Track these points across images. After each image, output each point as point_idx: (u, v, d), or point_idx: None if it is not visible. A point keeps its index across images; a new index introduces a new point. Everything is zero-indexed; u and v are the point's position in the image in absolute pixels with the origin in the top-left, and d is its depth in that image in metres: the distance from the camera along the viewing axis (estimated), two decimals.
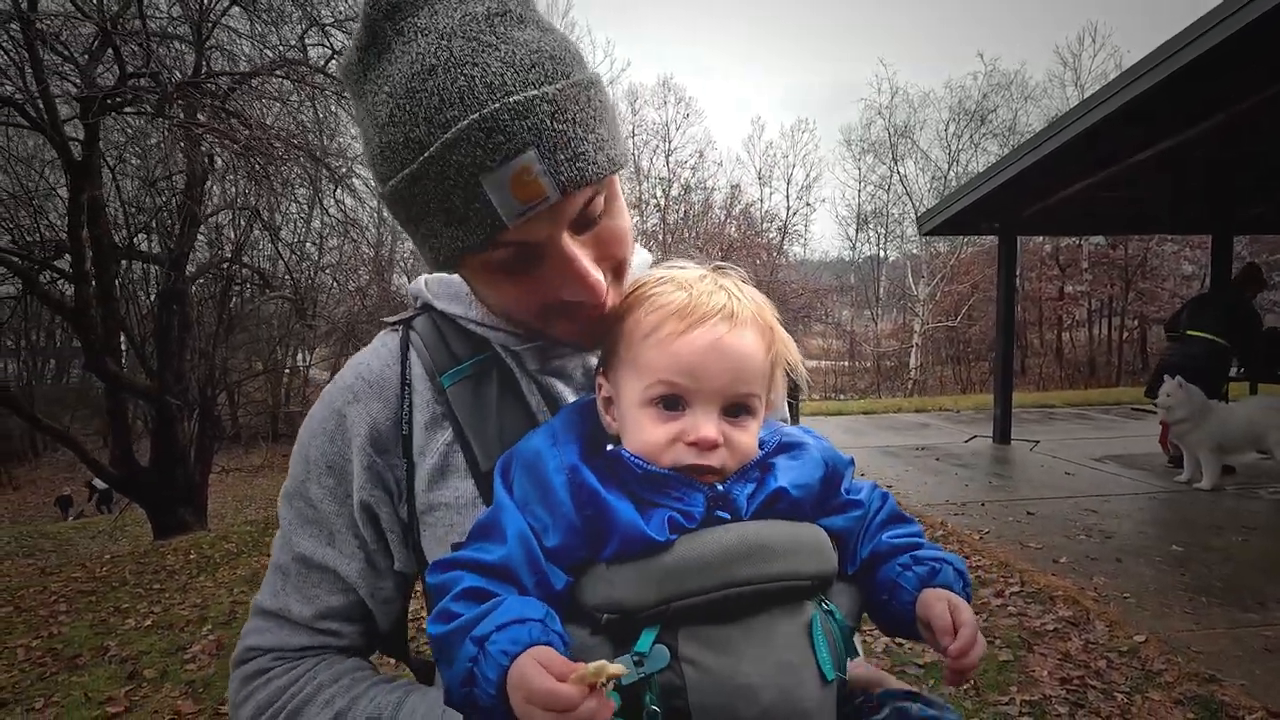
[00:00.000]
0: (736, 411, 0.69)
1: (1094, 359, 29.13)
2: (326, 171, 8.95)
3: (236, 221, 11.97)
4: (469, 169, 0.62)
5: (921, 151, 31.79)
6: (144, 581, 6.18)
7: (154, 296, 12.91)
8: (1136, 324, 28.63)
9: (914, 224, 25.33)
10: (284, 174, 8.78)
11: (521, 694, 0.53)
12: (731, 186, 31.37)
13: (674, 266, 0.77)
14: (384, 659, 0.97)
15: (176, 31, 8.70)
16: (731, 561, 0.62)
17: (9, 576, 7.60)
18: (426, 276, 0.89)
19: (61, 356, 25.17)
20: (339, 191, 9.70)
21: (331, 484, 0.79)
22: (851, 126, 51.55)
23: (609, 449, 0.69)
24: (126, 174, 10.53)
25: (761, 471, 0.70)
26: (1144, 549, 4.62)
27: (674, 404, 0.68)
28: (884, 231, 33.25)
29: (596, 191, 0.69)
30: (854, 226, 33.99)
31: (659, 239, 26.94)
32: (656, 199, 29.41)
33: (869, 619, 0.77)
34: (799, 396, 0.92)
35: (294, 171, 8.98)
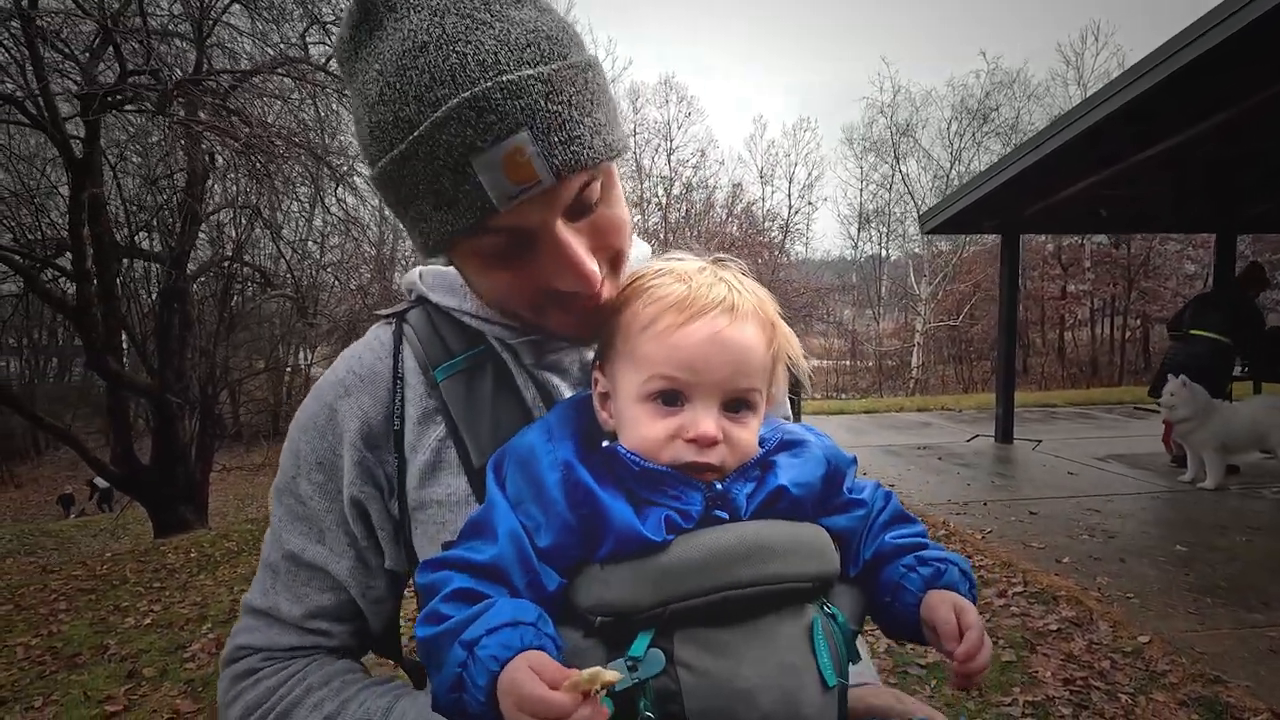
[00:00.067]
0: (737, 407, 0.67)
1: (1096, 358, 29.07)
2: (328, 170, 8.93)
3: (238, 220, 11.94)
4: (459, 149, 0.60)
5: (924, 150, 31.88)
6: (144, 580, 6.18)
7: (155, 295, 12.91)
8: (1139, 323, 28.57)
9: (916, 223, 25.34)
10: (285, 172, 8.76)
11: (512, 701, 0.51)
12: (733, 185, 31.39)
13: (673, 258, 0.74)
14: (383, 661, 0.95)
15: (178, 29, 8.70)
16: (730, 562, 0.60)
17: (10, 574, 7.60)
18: (421, 268, 0.87)
19: (63, 355, 25.22)
20: (340, 190, 9.68)
21: (321, 480, 0.78)
22: (853, 125, 51.55)
23: (605, 445, 0.67)
24: (128, 172, 10.53)
25: (762, 470, 0.68)
26: (1148, 549, 4.60)
27: (672, 399, 0.66)
28: (886, 230, 33.23)
29: (592, 177, 0.66)
30: (856, 225, 33.99)
31: (660, 237, 26.90)
32: (658, 197, 29.39)
33: (872, 621, 0.75)
34: (801, 393, 0.89)
35: (295, 170, 8.96)
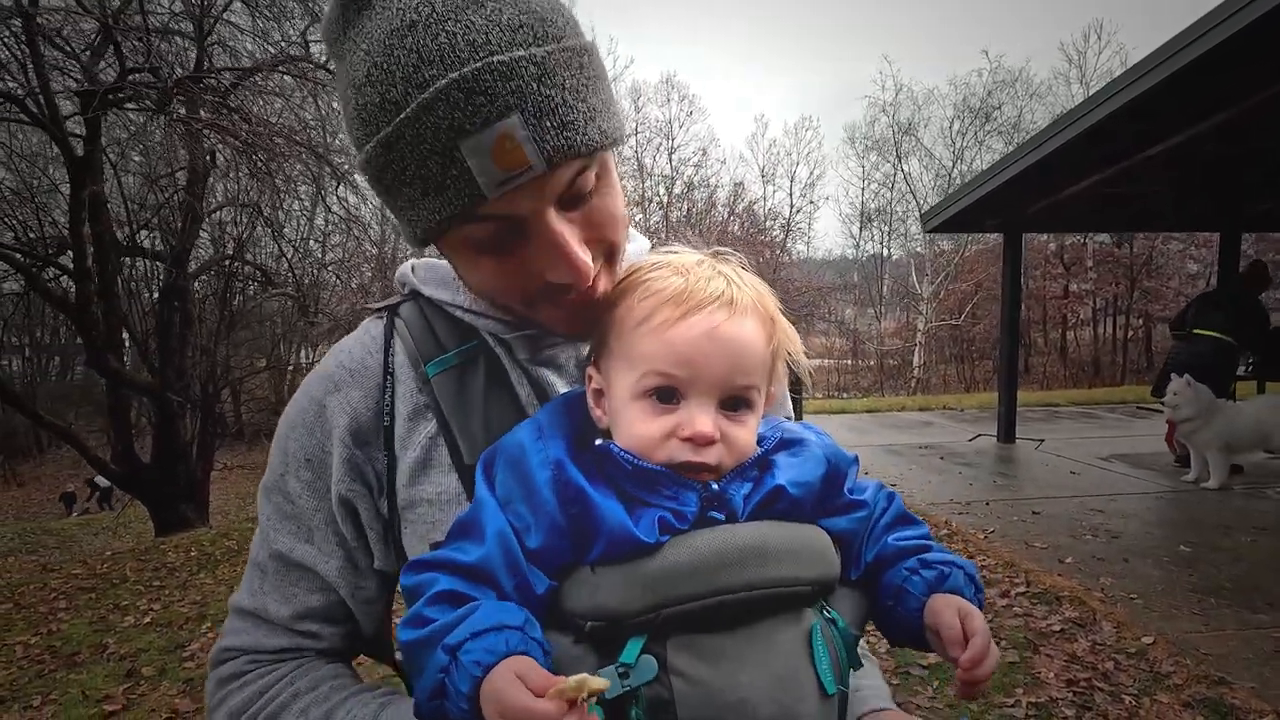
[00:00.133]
0: (734, 405, 0.65)
1: (1099, 358, 29.01)
2: (329, 168, 8.92)
3: (239, 218, 11.93)
4: (446, 132, 0.58)
5: (925, 149, 31.67)
6: (144, 578, 6.17)
7: (156, 293, 12.91)
8: (1141, 322, 28.52)
9: (918, 222, 25.29)
10: (286, 171, 8.75)
11: (495, 708, 0.49)
12: (735, 184, 31.42)
13: (670, 251, 0.72)
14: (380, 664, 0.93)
15: (179, 27, 8.69)
16: (725, 565, 0.58)
17: (11, 572, 7.61)
18: (414, 261, 0.85)
19: (66, 353, 25.23)
20: (342, 188, 9.66)
21: (310, 478, 0.76)
22: (855, 124, 51.32)
23: (597, 443, 0.65)
24: (129, 170, 10.53)
25: (760, 469, 0.66)
26: (1151, 549, 4.57)
27: (668, 396, 0.64)
28: (888, 229, 33.18)
29: (586, 165, 0.64)
30: (858, 224, 33.94)
31: (662, 236, 26.84)
32: (659, 196, 29.38)
33: (874, 626, 0.73)
34: (802, 391, 0.87)
35: (296, 168, 8.94)
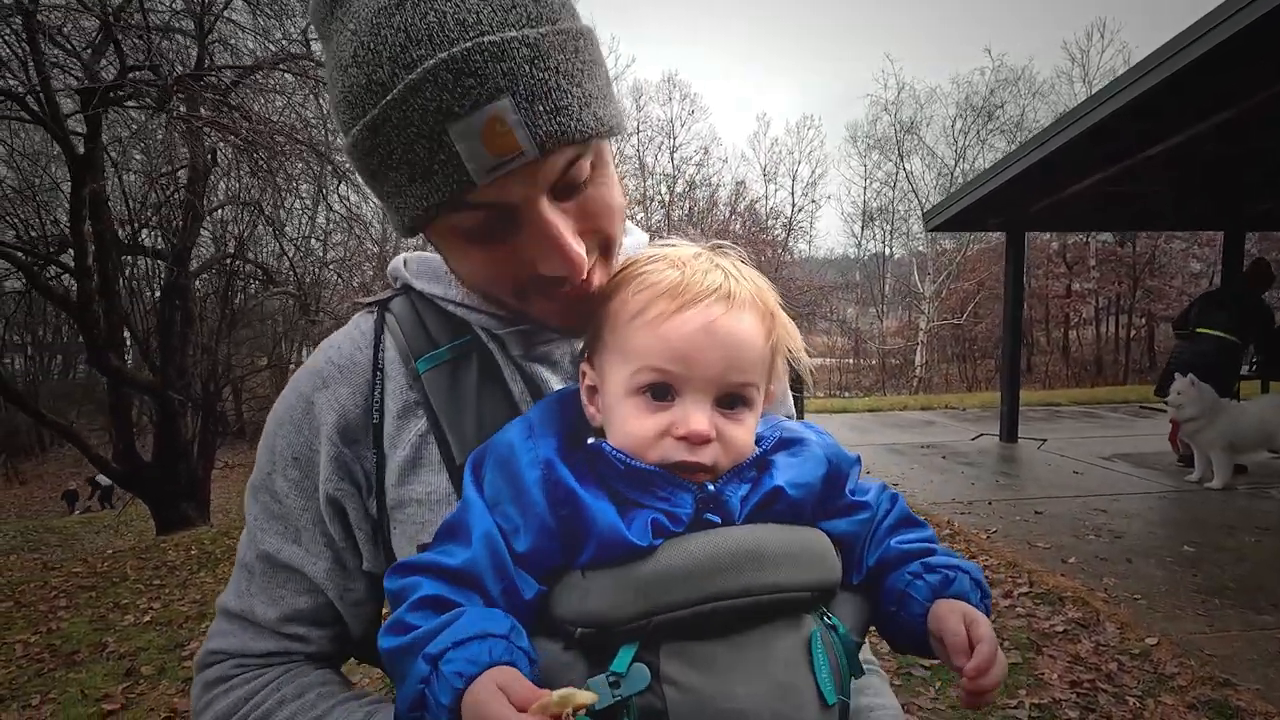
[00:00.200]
0: (731, 403, 0.63)
1: (1101, 357, 28.96)
2: (331, 166, 8.90)
3: (240, 217, 11.94)
4: (434, 115, 0.55)
5: (928, 148, 31.66)
6: (144, 577, 6.17)
7: (157, 291, 12.92)
8: (1144, 322, 28.44)
9: (920, 220, 25.22)
10: (288, 169, 8.74)
11: None
12: (736, 183, 31.41)
13: (668, 244, 0.70)
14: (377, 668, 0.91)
15: (180, 25, 8.68)
16: (721, 570, 0.56)
17: (12, 571, 7.61)
18: (406, 255, 0.83)
19: (68, 352, 25.30)
20: (343, 187, 9.66)
21: (297, 476, 0.74)
22: (857, 123, 51.37)
23: (589, 442, 0.62)
24: (130, 169, 10.53)
25: (758, 470, 0.64)
26: (1155, 549, 4.55)
27: (663, 393, 0.62)
28: (889, 228, 33.19)
29: (580, 153, 0.61)
30: (859, 223, 33.94)
31: (663, 235, 26.78)
32: (661, 195, 29.37)
33: (877, 632, 0.71)
34: (803, 389, 0.85)
35: (298, 166, 8.94)
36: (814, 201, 33.41)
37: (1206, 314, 6.60)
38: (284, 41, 9.25)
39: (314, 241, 14.51)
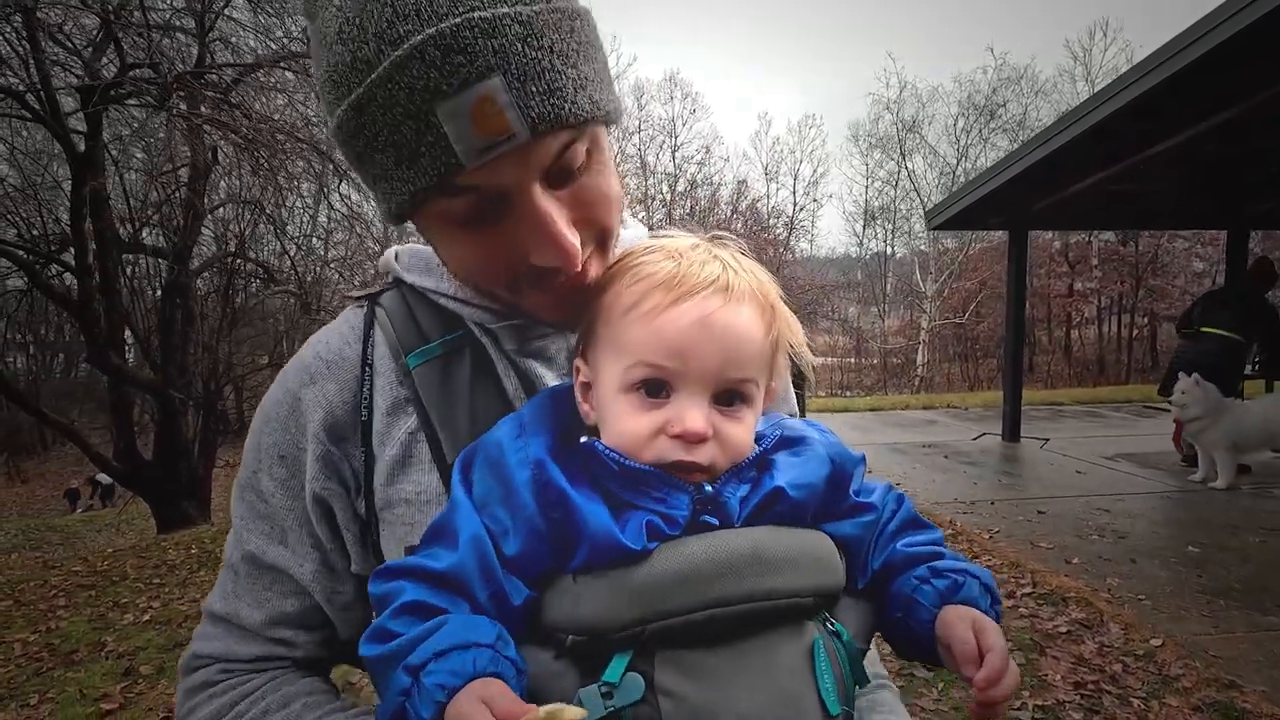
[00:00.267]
0: (730, 400, 0.60)
1: (1103, 356, 28.90)
2: (332, 165, 8.89)
3: (241, 215, 11.94)
4: (421, 94, 0.53)
5: (930, 146, 31.61)
6: (144, 576, 6.16)
7: (158, 290, 12.94)
8: (1147, 321, 28.39)
9: (922, 219, 25.18)
10: (289, 167, 8.73)
11: None
12: (738, 182, 31.38)
13: (665, 235, 0.68)
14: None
15: (180, 23, 8.67)
16: (719, 575, 0.54)
17: (13, 569, 7.62)
18: (398, 248, 0.81)
19: (70, 351, 25.29)
20: (344, 185, 9.65)
21: (284, 475, 0.72)
22: (859, 122, 51.25)
23: (582, 440, 0.60)
24: (131, 167, 10.53)
25: (758, 469, 0.62)
26: (1159, 550, 4.52)
27: (657, 389, 0.59)
28: (891, 227, 33.12)
29: (575, 138, 0.59)
30: (861, 222, 33.87)
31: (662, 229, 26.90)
32: (662, 194, 29.34)
33: (882, 639, 0.68)
34: (804, 386, 0.82)
35: (299, 165, 8.92)
36: (816, 200, 33.41)
37: (1210, 313, 6.57)
38: (285, 39, 9.22)
39: (315, 240, 14.51)
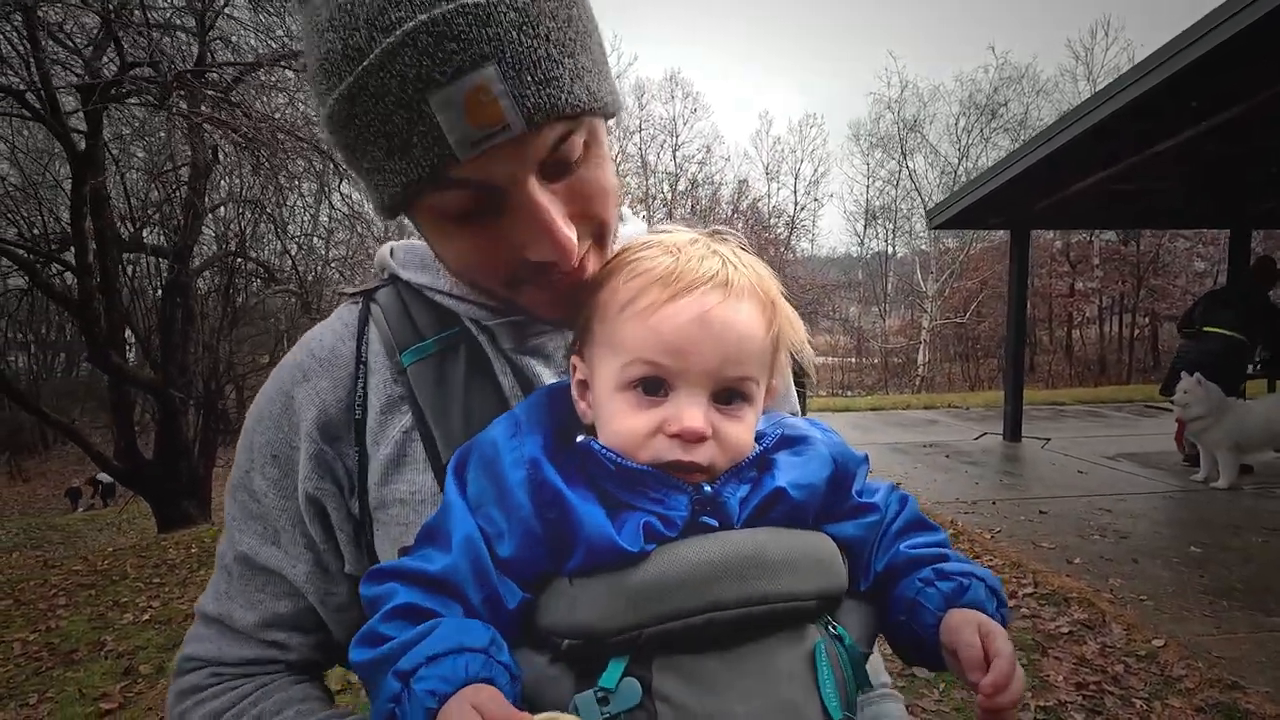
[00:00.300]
0: (729, 398, 0.59)
1: (1105, 356, 28.86)
2: (332, 164, 8.88)
3: (241, 214, 11.93)
4: (413, 83, 0.52)
5: (931, 146, 31.58)
6: (144, 575, 6.15)
7: (159, 289, 12.94)
8: (1148, 321, 28.34)
9: (923, 219, 25.19)
10: (289, 167, 8.72)
11: None
12: (739, 181, 31.33)
13: (663, 230, 0.66)
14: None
15: (180, 22, 8.66)
16: (718, 578, 0.52)
17: (14, 569, 7.61)
18: (393, 244, 0.80)
19: (71, 350, 25.29)
20: (345, 185, 9.64)
21: (276, 475, 0.70)
22: (860, 121, 51.15)
23: (579, 440, 0.59)
24: (131, 166, 10.53)
25: (759, 470, 0.60)
26: (1161, 550, 4.51)
27: (655, 388, 0.58)
28: (892, 227, 33.07)
29: (572, 130, 0.57)
30: (862, 222, 33.82)
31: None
32: (663, 194, 29.32)
33: (885, 643, 0.67)
34: (806, 384, 0.81)
35: (299, 164, 8.91)
36: (816, 200, 33.38)
37: (1212, 313, 6.56)
38: (285, 38, 9.21)
39: (316, 240, 14.51)
